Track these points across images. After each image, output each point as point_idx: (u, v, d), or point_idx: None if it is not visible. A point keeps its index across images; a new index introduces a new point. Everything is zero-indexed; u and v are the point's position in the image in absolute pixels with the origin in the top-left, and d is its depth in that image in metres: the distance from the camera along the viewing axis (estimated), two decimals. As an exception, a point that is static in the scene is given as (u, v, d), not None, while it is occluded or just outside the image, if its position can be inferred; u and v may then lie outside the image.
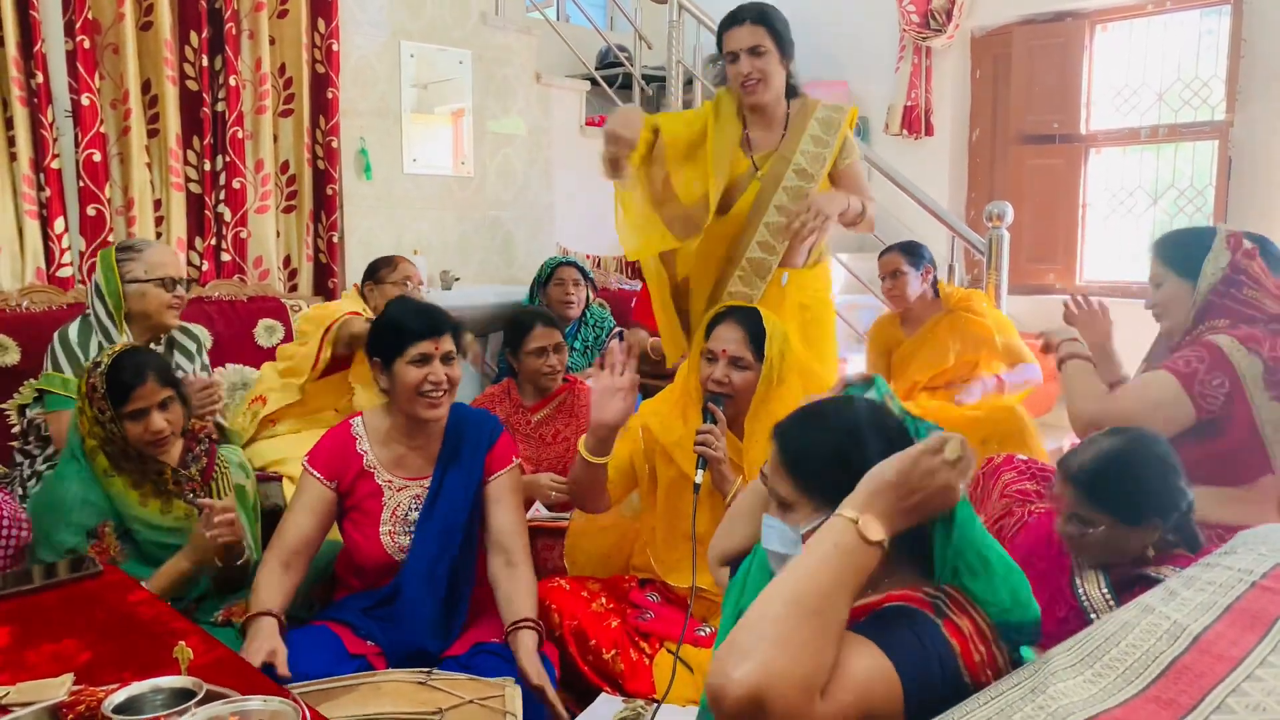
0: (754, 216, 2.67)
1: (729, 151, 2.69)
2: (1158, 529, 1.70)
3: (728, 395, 2.19)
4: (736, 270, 2.70)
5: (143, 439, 2.09)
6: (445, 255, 4.33)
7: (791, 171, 2.65)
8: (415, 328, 2.06)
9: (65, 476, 2.11)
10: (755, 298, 2.66)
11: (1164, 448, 1.75)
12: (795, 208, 2.57)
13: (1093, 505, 1.73)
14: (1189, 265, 2.14)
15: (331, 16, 3.74)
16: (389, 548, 2.08)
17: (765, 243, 2.66)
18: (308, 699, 1.39)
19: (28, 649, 1.54)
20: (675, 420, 2.30)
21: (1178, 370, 2.03)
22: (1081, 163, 4.94)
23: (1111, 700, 1.01)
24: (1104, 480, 1.73)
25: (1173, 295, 2.18)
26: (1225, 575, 1.29)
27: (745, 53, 2.58)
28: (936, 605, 1.13)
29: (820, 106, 2.71)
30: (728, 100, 2.74)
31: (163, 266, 2.60)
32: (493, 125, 4.48)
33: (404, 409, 2.09)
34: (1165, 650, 1.10)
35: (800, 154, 2.65)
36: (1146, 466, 1.73)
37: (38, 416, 2.58)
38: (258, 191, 3.65)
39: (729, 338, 2.20)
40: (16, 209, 3.11)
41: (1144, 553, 1.72)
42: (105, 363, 2.10)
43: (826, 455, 1.24)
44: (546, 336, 2.98)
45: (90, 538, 2.05)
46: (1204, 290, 2.11)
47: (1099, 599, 1.71)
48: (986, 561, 1.17)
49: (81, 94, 3.17)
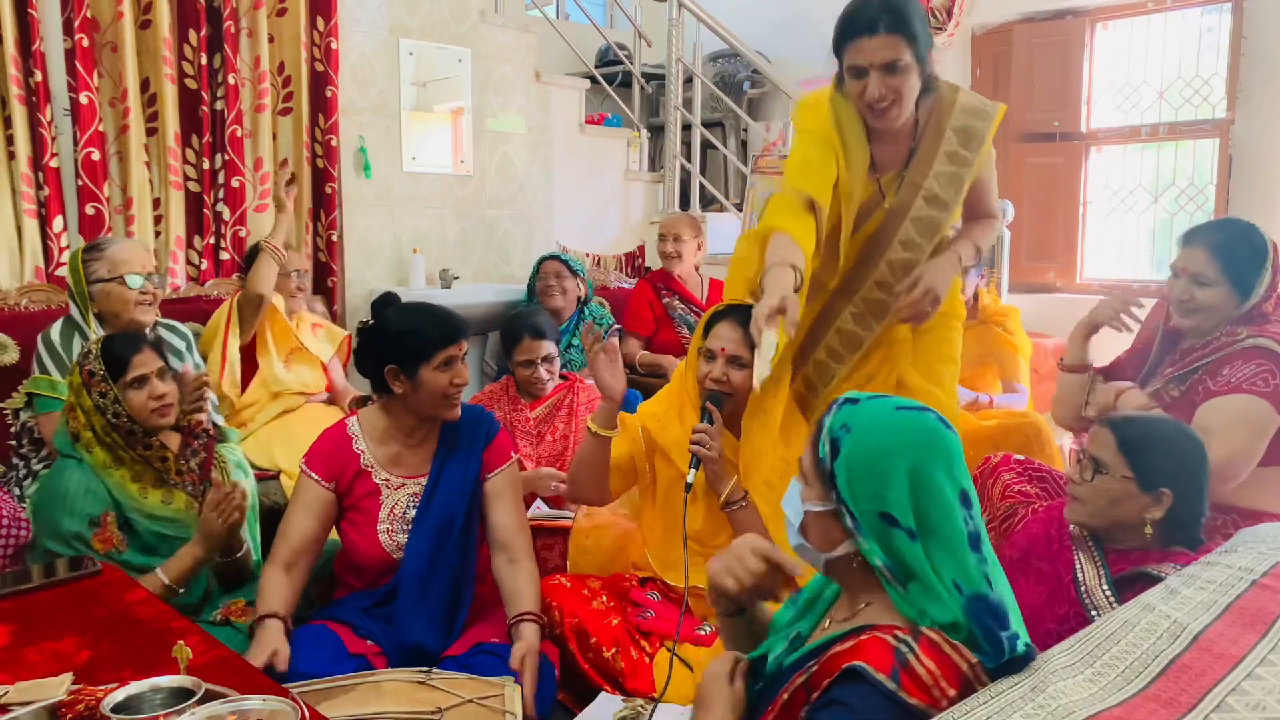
0: (874, 251, 2.26)
1: (860, 179, 2.19)
2: (1164, 506, 1.70)
3: (726, 394, 2.18)
4: (849, 307, 2.31)
5: (146, 407, 2.11)
6: (444, 254, 4.32)
7: (922, 199, 2.19)
8: (440, 334, 2.07)
9: (66, 468, 2.12)
10: (868, 341, 2.30)
11: (1203, 447, 1.78)
12: (900, 286, 2.18)
13: (1118, 449, 1.74)
14: (1243, 279, 2.18)
15: (330, 14, 3.74)
16: (387, 546, 2.08)
17: (884, 282, 2.25)
18: (307, 698, 1.39)
19: (27, 648, 1.54)
20: (672, 420, 2.30)
21: (1261, 391, 2.07)
22: (1082, 161, 4.93)
23: (1112, 699, 1.01)
24: (1142, 433, 1.75)
25: (1217, 302, 2.20)
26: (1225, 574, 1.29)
27: (878, 70, 2.02)
28: (899, 654, 1.10)
29: (958, 109, 2.17)
30: (848, 113, 2.16)
31: (126, 264, 2.58)
32: (492, 123, 4.47)
33: (427, 411, 2.11)
34: (1165, 649, 1.10)
35: (934, 178, 2.18)
36: (1183, 444, 1.75)
37: (29, 419, 2.58)
38: (256, 190, 3.65)
39: (728, 336, 2.19)
40: (15, 208, 3.11)
41: (1142, 528, 1.72)
42: (95, 348, 2.11)
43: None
44: (532, 350, 2.98)
45: (93, 527, 2.06)
46: (1249, 306, 2.17)
47: (1100, 597, 1.71)
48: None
49: (80, 92, 3.17)
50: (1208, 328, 2.22)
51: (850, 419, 1.23)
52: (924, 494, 1.17)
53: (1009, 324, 3.47)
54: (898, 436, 1.20)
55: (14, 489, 2.51)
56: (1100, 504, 1.76)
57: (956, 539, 1.17)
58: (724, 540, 2.23)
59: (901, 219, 2.21)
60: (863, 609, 1.24)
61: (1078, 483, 1.79)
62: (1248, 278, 2.17)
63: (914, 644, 1.11)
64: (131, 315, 2.58)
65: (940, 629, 1.14)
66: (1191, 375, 2.21)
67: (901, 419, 1.22)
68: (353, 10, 3.93)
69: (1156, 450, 1.73)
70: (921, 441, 1.20)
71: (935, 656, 1.10)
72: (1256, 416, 2.07)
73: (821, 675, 1.15)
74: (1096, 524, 1.78)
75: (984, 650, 1.13)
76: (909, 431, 1.21)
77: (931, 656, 1.10)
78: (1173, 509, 1.70)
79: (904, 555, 1.17)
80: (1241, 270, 2.18)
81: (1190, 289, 2.22)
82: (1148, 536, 1.72)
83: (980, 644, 1.13)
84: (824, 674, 1.14)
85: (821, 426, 1.26)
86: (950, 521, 1.17)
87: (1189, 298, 2.22)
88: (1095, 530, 1.79)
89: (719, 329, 2.22)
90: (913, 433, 1.21)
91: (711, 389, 2.19)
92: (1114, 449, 1.75)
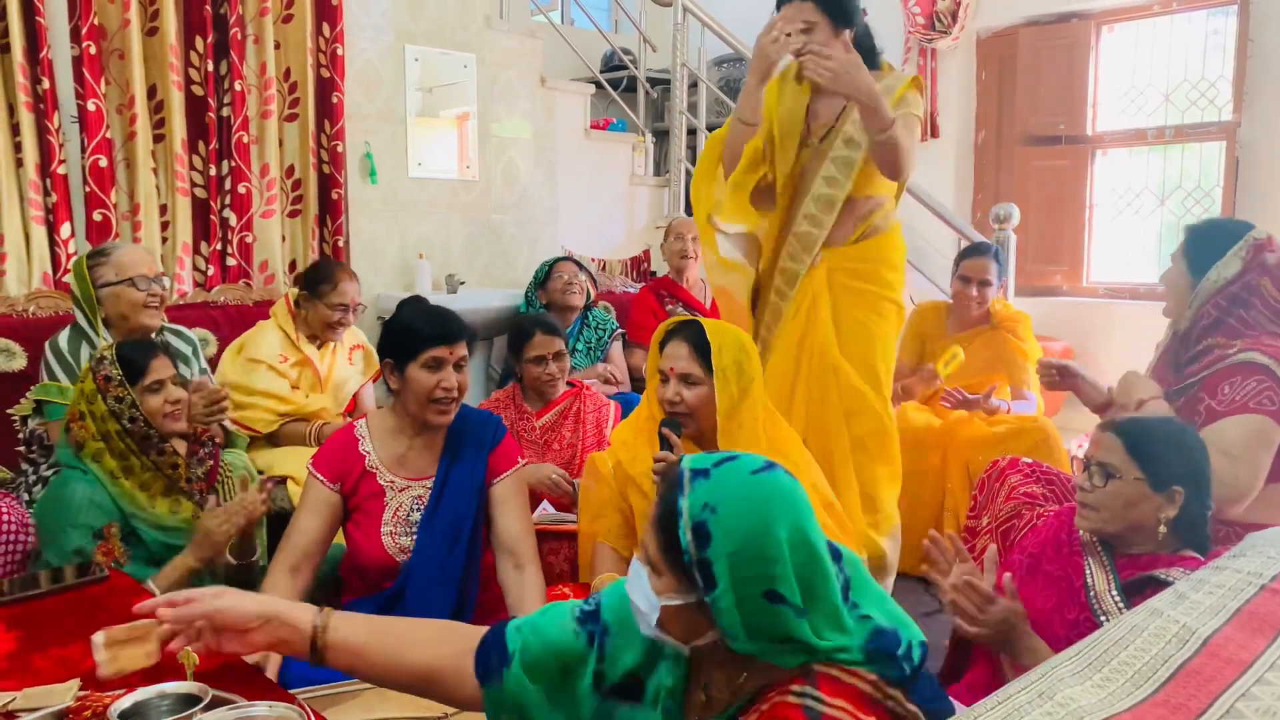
0: (803, 188, 2.64)
1: (796, 124, 2.65)
2: (1177, 504, 1.69)
3: (685, 414, 2.11)
4: (786, 246, 2.67)
5: (162, 410, 2.13)
6: (450, 259, 4.33)
7: (840, 141, 2.58)
8: (430, 333, 2.05)
9: (70, 480, 2.12)
10: (801, 273, 2.64)
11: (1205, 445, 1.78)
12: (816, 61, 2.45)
13: (1127, 452, 1.73)
14: (1199, 259, 2.21)
15: (336, 21, 3.75)
16: (390, 548, 2.08)
17: (812, 215, 2.61)
18: (313, 704, 1.39)
19: (34, 654, 1.54)
20: (642, 447, 2.22)
21: (1268, 410, 2.08)
22: (1088, 164, 4.93)
23: (1120, 705, 1.01)
24: (1148, 433, 1.75)
25: (1174, 280, 2.26)
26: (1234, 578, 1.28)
27: (797, 31, 2.49)
28: (810, 711, 1.05)
29: (886, 75, 2.61)
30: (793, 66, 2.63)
31: (133, 266, 2.59)
32: (497, 129, 4.48)
33: (413, 412, 2.09)
34: (1174, 654, 1.09)
35: (851, 122, 2.56)
36: (1187, 441, 1.75)
37: (38, 426, 2.59)
38: (263, 196, 3.66)
39: (676, 355, 2.11)
40: (23, 214, 3.13)
41: (1155, 529, 1.71)
42: (109, 354, 2.12)
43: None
44: (546, 345, 2.97)
45: (96, 539, 2.06)
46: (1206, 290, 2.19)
47: (1109, 603, 1.70)
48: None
49: (87, 99, 3.18)
50: (1175, 309, 2.27)
51: (711, 497, 1.11)
52: (806, 561, 1.10)
53: (1020, 330, 3.44)
54: (770, 506, 1.10)
55: (23, 495, 2.52)
56: (1115, 509, 1.75)
57: (835, 600, 1.13)
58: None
59: (824, 159, 2.59)
60: (743, 680, 1.16)
61: (1088, 490, 1.78)
62: (1204, 258, 2.20)
63: (815, 692, 1.06)
64: (140, 318, 2.59)
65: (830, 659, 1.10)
66: (1189, 390, 2.21)
67: (767, 485, 1.13)
68: (358, 16, 3.94)
69: (1164, 449, 1.73)
70: (790, 504, 1.12)
71: (840, 692, 1.07)
72: (1269, 438, 2.08)
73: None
74: (1111, 530, 1.77)
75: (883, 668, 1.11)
76: (777, 497, 1.11)
77: (838, 695, 1.07)
78: (1181, 509, 1.70)
79: (789, 631, 1.09)
80: (1200, 250, 2.22)
81: (1166, 273, 2.31)
82: (1161, 537, 1.71)
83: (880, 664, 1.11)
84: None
85: (675, 511, 1.12)
86: (828, 583, 1.12)
87: (1163, 283, 2.32)
88: (1109, 536, 1.79)
89: (669, 348, 2.14)
90: (781, 498, 1.12)
91: (668, 411, 2.12)
92: (1123, 452, 1.75)
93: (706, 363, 2.08)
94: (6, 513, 2.16)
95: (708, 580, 1.09)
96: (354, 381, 3.18)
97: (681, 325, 2.17)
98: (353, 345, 3.23)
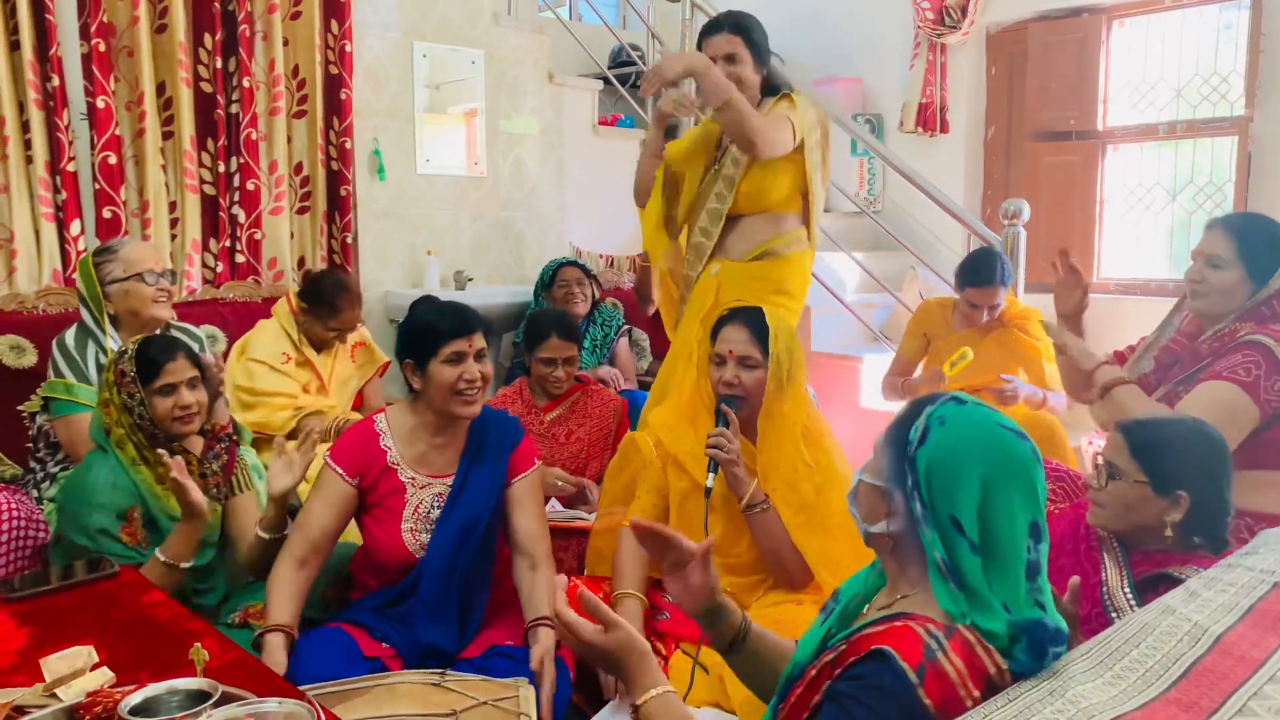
0: (698, 204, 2.87)
1: (708, 149, 2.87)
2: (1182, 508, 1.68)
3: (740, 396, 2.18)
4: (685, 254, 2.92)
5: (170, 415, 2.12)
6: (458, 255, 4.33)
7: (729, 160, 2.78)
8: (448, 327, 2.07)
9: (95, 463, 2.13)
10: (694, 280, 2.85)
11: (1224, 444, 1.76)
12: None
13: (1131, 455, 1.73)
14: (1258, 265, 2.14)
15: (344, 18, 3.75)
16: (410, 545, 2.08)
17: (703, 228, 2.84)
18: (322, 701, 1.39)
19: (46, 649, 1.55)
20: (685, 429, 2.29)
21: (1240, 380, 2.05)
22: (1099, 159, 4.90)
23: (1132, 703, 1.00)
24: (1154, 436, 1.74)
25: (1229, 285, 2.17)
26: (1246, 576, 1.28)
27: (721, 59, 2.68)
28: (928, 649, 1.09)
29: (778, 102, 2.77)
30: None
31: (141, 261, 2.59)
32: (505, 125, 4.48)
33: (440, 408, 2.10)
34: (1186, 652, 1.09)
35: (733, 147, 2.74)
36: (1198, 445, 1.73)
37: (45, 423, 2.59)
38: (272, 193, 3.66)
39: (735, 338, 2.20)
40: (33, 211, 3.14)
41: (1162, 531, 1.70)
42: (132, 349, 2.13)
43: None
44: (559, 350, 2.97)
45: (120, 520, 2.07)
46: (1263, 296, 2.14)
47: (1121, 599, 1.69)
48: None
49: (97, 97, 3.19)
50: (1218, 313, 2.19)
51: (949, 414, 1.23)
52: (993, 510, 1.16)
53: (1030, 327, 3.36)
54: (983, 448, 1.19)
55: (32, 491, 2.53)
56: (1118, 509, 1.74)
57: (1015, 563, 1.16)
58: (743, 547, 2.22)
59: (717, 176, 2.81)
60: (900, 599, 1.24)
61: (1096, 488, 1.78)
62: (1263, 264, 2.13)
63: (945, 641, 1.10)
64: (151, 312, 2.60)
65: (978, 631, 1.13)
66: (1197, 374, 2.19)
67: (996, 435, 1.21)
68: (366, 13, 3.94)
69: (1169, 453, 1.71)
70: (1004, 461, 1.19)
71: (965, 656, 1.09)
72: (1227, 402, 2.04)
73: (848, 653, 1.14)
74: (1118, 528, 1.76)
75: (1019, 660, 1.12)
76: (997, 448, 1.20)
77: (962, 656, 1.09)
78: (1192, 510, 1.69)
79: (961, 564, 1.16)
80: (1257, 255, 2.14)
81: (1204, 270, 2.20)
82: (1169, 539, 1.70)
83: (1019, 654, 1.12)
84: (851, 652, 1.14)
85: (919, 410, 1.26)
86: (1013, 545, 1.16)
87: (1201, 279, 2.20)
88: (1118, 534, 1.78)
89: (726, 332, 2.22)
90: (1000, 451, 1.19)
91: (725, 393, 2.19)
92: (1126, 453, 1.74)
93: (763, 348, 2.18)
94: (16, 507, 2.17)
95: (913, 473, 1.21)
96: (357, 379, 3.22)
97: (739, 311, 2.26)
98: (355, 343, 3.27)
